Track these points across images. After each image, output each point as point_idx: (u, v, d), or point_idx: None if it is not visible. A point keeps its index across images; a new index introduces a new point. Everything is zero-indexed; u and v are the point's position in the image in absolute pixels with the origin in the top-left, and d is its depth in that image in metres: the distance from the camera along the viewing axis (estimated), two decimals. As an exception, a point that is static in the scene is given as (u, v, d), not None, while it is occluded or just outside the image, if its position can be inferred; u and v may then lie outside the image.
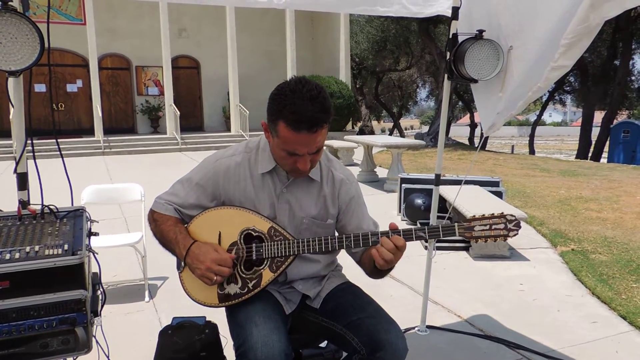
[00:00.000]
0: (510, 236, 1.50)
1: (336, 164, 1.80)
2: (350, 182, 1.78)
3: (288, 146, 1.52)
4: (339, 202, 1.76)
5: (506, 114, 2.25)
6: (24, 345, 1.53)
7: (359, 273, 1.82)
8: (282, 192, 1.70)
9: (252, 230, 1.64)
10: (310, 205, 1.72)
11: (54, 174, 2.10)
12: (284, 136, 1.51)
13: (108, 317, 3.23)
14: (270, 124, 1.55)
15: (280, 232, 1.63)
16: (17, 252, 1.53)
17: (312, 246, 1.60)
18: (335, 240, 1.59)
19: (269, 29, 17.83)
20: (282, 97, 1.50)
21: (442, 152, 2.79)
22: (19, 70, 1.68)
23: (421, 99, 35.09)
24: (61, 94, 16.47)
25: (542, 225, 5.53)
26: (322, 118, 1.49)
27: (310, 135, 1.49)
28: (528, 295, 3.67)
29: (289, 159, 1.57)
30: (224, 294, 1.64)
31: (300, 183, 1.71)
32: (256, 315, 1.58)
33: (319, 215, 1.73)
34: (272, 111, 1.52)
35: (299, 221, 1.71)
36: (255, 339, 1.49)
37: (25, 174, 1.96)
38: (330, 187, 1.74)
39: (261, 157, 1.70)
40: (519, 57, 2.21)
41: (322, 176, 1.74)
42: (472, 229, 1.53)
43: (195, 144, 14.83)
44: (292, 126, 1.47)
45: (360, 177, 8.91)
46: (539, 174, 9.73)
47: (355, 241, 1.58)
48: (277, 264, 1.63)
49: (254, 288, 1.63)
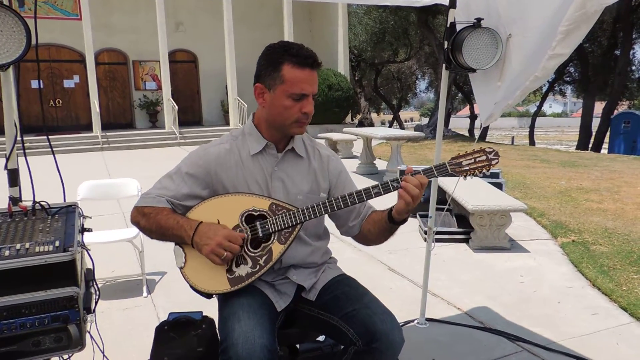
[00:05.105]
0: (493, 164, 1.61)
1: (318, 143, 1.87)
2: (336, 159, 1.87)
3: (295, 87, 1.58)
4: (330, 177, 1.81)
5: (504, 104, 2.22)
6: (16, 344, 1.50)
7: (353, 268, 1.80)
8: (274, 170, 1.72)
9: (253, 211, 1.64)
10: (303, 181, 1.75)
11: (51, 171, 2.06)
12: (291, 77, 1.58)
13: (106, 313, 3.22)
14: (270, 76, 1.61)
15: (282, 206, 1.64)
16: (7, 249, 1.50)
17: (317, 210, 1.61)
18: (340, 200, 1.60)
19: (267, 22, 17.74)
20: (277, 48, 1.61)
21: (440, 143, 2.76)
22: (5, 64, 1.64)
23: (420, 91, 35.11)
24: (58, 90, 16.40)
25: (542, 217, 5.50)
26: (317, 59, 1.61)
27: (313, 73, 1.60)
28: (528, 287, 3.65)
29: (294, 107, 1.61)
30: (234, 277, 1.62)
31: (289, 160, 1.75)
32: (240, 311, 1.56)
33: (312, 190, 1.75)
34: (271, 61, 1.61)
35: (293, 197, 1.71)
36: (237, 335, 1.47)
37: (16, 170, 1.93)
38: (318, 162, 1.80)
39: (249, 140, 1.73)
40: (517, 46, 2.17)
41: (308, 152, 1.80)
42: (460, 165, 1.60)
43: (194, 138, 14.79)
44: (298, 64, 1.57)
45: (360, 169, 8.89)
46: (539, 165, 9.70)
47: (358, 196, 1.60)
48: (285, 234, 1.63)
49: (266, 263, 1.62)
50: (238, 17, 15.84)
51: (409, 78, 28.82)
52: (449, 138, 15.61)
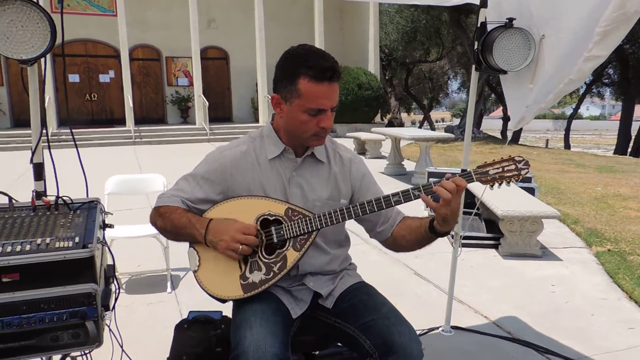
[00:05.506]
0: (522, 174, 1.52)
1: (340, 146, 1.80)
2: (359, 161, 1.78)
3: (312, 102, 1.51)
4: (352, 181, 1.73)
5: (536, 108, 2.12)
6: (35, 338, 1.51)
7: (378, 271, 1.74)
8: (292, 176, 1.66)
9: (268, 215, 1.60)
10: (322, 187, 1.68)
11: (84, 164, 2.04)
12: (307, 92, 1.50)
13: (130, 307, 3.25)
14: (287, 88, 1.53)
15: (298, 212, 1.59)
16: (28, 244, 1.51)
17: (334, 217, 1.56)
18: (358, 207, 1.54)
19: (298, 19, 17.76)
20: (294, 58, 1.52)
21: (469, 145, 2.67)
22: (30, 59, 1.64)
23: (452, 91, 34.44)
24: (94, 85, 16.87)
25: (576, 224, 5.31)
26: (338, 69, 1.51)
27: (331, 86, 1.51)
28: (560, 297, 3.52)
29: (311, 121, 1.54)
30: (248, 284, 1.58)
31: (309, 166, 1.68)
32: (252, 317, 1.52)
33: (332, 196, 1.69)
34: (288, 73, 1.52)
35: (311, 204, 1.65)
36: (248, 343, 1.43)
37: (41, 164, 1.94)
38: (339, 166, 1.72)
39: (267, 143, 1.67)
40: (551, 47, 2.07)
41: (329, 156, 1.72)
42: (486, 174, 1.52)
43: (223, 134, 14.94)
44: (315, 78, 1.48)
45: (388, 169, 8.79)
46: (574, 170, 9.40)
47: (378, 204, 1.53)
48: (301, 241, 1.58)
49: (280, 271, 1.57)
50: (269, 14, 15.91)
51: (441, 78, 28.41)
52: (480, 140, 15.31)
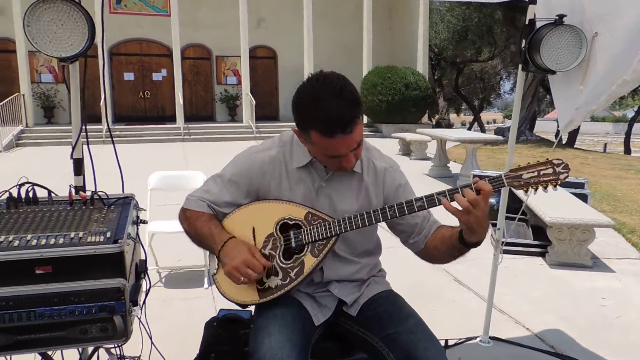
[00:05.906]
0: (561, 179, 1.40)
1: (376, 153, 1.69)
2: (394, 170, 1.68)
3: (327, 151, 1.45)
4: (385, 191, 1.64)
5: (586, 110, 1.99)
6: (65, 330, 1.55)
7: (418, 276, 1.68)
8: (321, 186, 1.61)
9: (288, 219, 1.57)
10: (352, 198, 1.62)
11: (133, 159, 2.09)
12: (320, 144, 1.43)
13: (167, 301, 3.32)
14: (302, 132, 1.48)
15: (318, 216, 1.55)
16: (62, 237, 1.55)
17: (354, 222, 1.50)
18: (379, 212, 1.48)
19: (346, 18, 17.72)
20: (306, 107, 1.42)
21: (513, 148, 2.54)
22: (69, 57, 1.69)
23: (505, 92, 33.28)
24: (147, 83, 17.50)
25: (632, 234, 5.01)
26: (353, 114, 1.39)
27: (347, 136, 1.40)
28: (611, 310, 3.31)
29: (333, 161, 1.49)
30: (264, 289, 1.56)
31: (340, 176, 1.61)
32: (272, 324, 1.49)
33: (362, 208, 1.60)
34: (300, 122, 1.46)
35: (339, 216, 1.59)
36: (264, 351, 1.40)
37: (81, 159, 2.00)
38: (372, 176, 1.64)
39: (296, 151, 1.62)
40: (604, 46, 1.92)
41: (363, 167, 1.63)
42: (520, 178, 1.41)
43: (269, 133, 15.09)
44: (326, 134, 1.39)
45: (433, 171, 8.61)
46: (634, 177, 8.87)
47: (400, 209, 1.46)
48: (319, 247, 1.54)
49: (297, 276, 1.54)
50: (318, 13, 15.93)
51: (493, 78, 27.60)
52: (532, 142, 14.74)
